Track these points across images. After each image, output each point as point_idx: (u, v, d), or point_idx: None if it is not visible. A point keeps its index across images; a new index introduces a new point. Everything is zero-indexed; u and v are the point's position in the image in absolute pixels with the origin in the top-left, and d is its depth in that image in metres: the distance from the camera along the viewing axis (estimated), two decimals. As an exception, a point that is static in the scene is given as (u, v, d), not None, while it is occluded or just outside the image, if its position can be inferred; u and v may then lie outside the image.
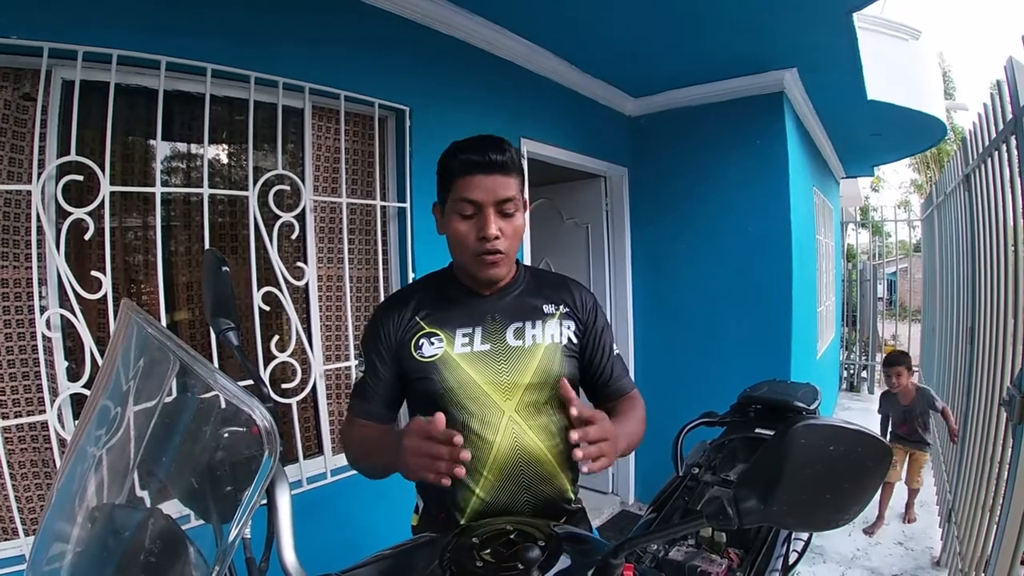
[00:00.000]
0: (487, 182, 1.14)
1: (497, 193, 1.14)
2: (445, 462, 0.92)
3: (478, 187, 1.14)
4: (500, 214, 1.16)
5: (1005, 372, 2.28)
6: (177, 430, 0.77)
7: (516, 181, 1.17)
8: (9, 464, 1.62)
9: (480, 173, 1.13)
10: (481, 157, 1.13)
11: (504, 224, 1.16)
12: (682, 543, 1.50)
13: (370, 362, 1.25)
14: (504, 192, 1.15)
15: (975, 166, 2.85)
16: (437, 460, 0.93)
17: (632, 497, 4.28)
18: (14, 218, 1.67)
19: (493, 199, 1.14)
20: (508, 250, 1.18)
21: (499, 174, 1.14)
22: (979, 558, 2.38)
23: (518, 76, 3.16)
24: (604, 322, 1.36)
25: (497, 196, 1.14)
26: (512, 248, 1.20)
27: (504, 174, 1.15)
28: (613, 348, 1.36)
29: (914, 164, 17.09)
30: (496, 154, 1.13)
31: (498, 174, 1.14)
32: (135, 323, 0.76)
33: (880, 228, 9.41)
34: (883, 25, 4.35)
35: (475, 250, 1.16)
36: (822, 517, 0.66)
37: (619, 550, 0.75)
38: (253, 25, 2.04)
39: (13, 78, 1.66)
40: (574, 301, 1.32)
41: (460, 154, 1.15)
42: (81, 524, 0.75)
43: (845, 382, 8.10)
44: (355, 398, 1.28)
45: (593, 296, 1.38)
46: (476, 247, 1.16)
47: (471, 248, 1.17)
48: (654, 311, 4.18)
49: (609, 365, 1.34)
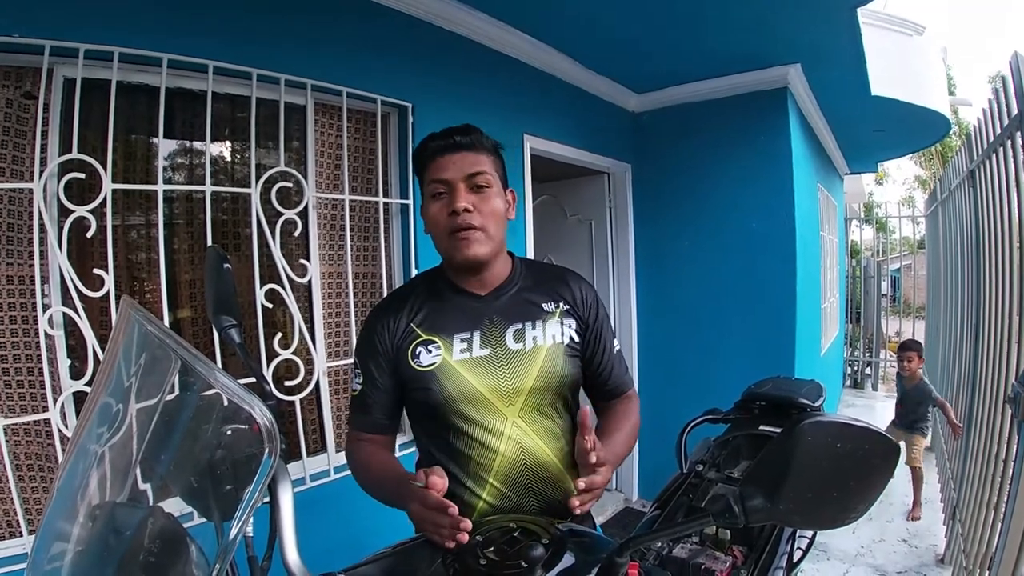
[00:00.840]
0: (454, 159, 1.14)
1: (464, 169, 1.14)
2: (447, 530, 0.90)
3: (445, 166, 1.14)
4: (471, 189, 1.15)
5: (1010, 369, 2.27)
6: (178, 428, 0.76)
7: (487, 159, 1.18)
8: (12, 462, 1.62)
9: (447, 153, 1.15)
10: (446, 140, 1.15)
11: (476, 199, 1.15)
12: (686, 540, 1.49)
13: (368, 372, 1.21)
14: (472, 167, 1.15)
15: (979, 162, 2.83)
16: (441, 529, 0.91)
17: (636, 494, 4.28)
18: (16, 216, 1.67)
19: (461, 175, 1.14)
20: (484, 226, 1.15)
21: (466, 151, 1.15)
22: (983, 556, 2.37)
23: (521, 72, 3.15)
24: (604, 317, 1.32)
25: (465, 171, 1.14)
26: (489, 225, 1.16)
27: (472, 151, 1.16)
28: (614, 344, 1.32)
29: (918, 160, 17.04)
30: (460, 135, 1.15)
31: (465, 151, 1.15)
32: (135, 320, 0.75)
33: (884, 224, 9.37)
34: (887, 20, 4.33)
35: (448, 227, 1.14)
36: (828, 515, 0.65)
37: (624, 548, 0.75)
38: (255, 22, 2.04)
39: (15, 76, 1.66)
40: (574, 297, 1.27)
41: (428, 142, 1.17)
42: (82, 522, 0.75)
43: (849, 379, 8.09)
44: (355, 412, 1.24)
45: (593, 289, 1.33)
46: (448, 224, 1.14)
47: (444, 227, 1.15)
48: (658, 308, 4.17)
49: (609, 363, 1.30)
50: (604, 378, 1.31)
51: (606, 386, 1.32)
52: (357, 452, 1.22)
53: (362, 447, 1.22)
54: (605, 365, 1.30)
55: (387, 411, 1.23)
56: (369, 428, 1.23)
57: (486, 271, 1.21)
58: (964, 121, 12.21)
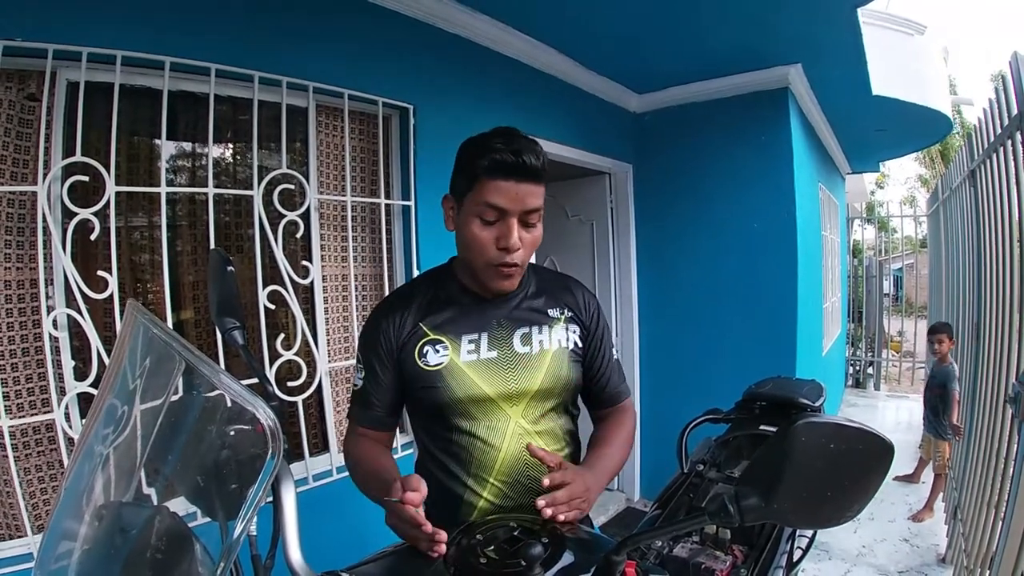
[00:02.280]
0: (518, 190, 1.05)
1: (526, 203, 1.06)
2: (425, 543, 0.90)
3: (507, 194, 1.05)
4: (523, 224, 1.09)
5: (1011, 368, 2.27)
6: (183, 428, 0.77)
7: (543, 190, 1.10)
8: (17, 463, 1.63)
9: (512, 179, 1.05)
10: (515, 160, 1.04)
11: (525, 235, 1.09)
12: (686, 540, 1.50)
13: (370, 368, 1.20)
14: (533, 202, 1.07)
15: (980, 161, 2.83)
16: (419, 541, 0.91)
17: (637, 494, 4.29)
18: (20, 219, 1.68)
19: (521, 209, 1.06)
20: (524, 262, 1.13)
21: (531, 182, 1.06)
22: (984, 555, 2.37)
23: (522, 73, 3.15)
24: (605, 326, 1.32)
25: (526, 206, 1.07)
26: (527, 259, 1.14)
27: (536, 182, 1.07)
28: (612, 353, 1.33)
29: (920, 159, 17.01)
30: (531, 157, 1.05)
31: (530, 182, 1.06)
32: (141, 324, 0.76)
33: (886, 224, 9.37)
34: (888, 20, 4.34)
35: (492, 259, 1.10)
36: (824, 515, 0.66)
37: (621, 547, 0.76)
38: (256, 25, 2.05)
39: (18, 79, 1.67)
40: (578, 304, 1.28)
41: (492, 153, 1.04)
42: (88, 522, 0.76)
43: (851, 379, 8.08)
44: (356, 406, 1.24)
45: (595, 298, 1.34)
46: (494, 257, 1.09)
47: (488, 257, 1.10)
48: (659, 308, 4.18)
49: (608, 371, 1.30)
50: (602, 385, 1.30)
51: (603, 394, 1.31)
52: (354, 447, 1.22)
53: (360, 442, 1.22)
54: (604, 373, 1.30)
55: (387, 407, 1.22)
56: (369, 423, 1.22)
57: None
58: (967, 121, 12.19)
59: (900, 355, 8.71)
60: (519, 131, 1.12)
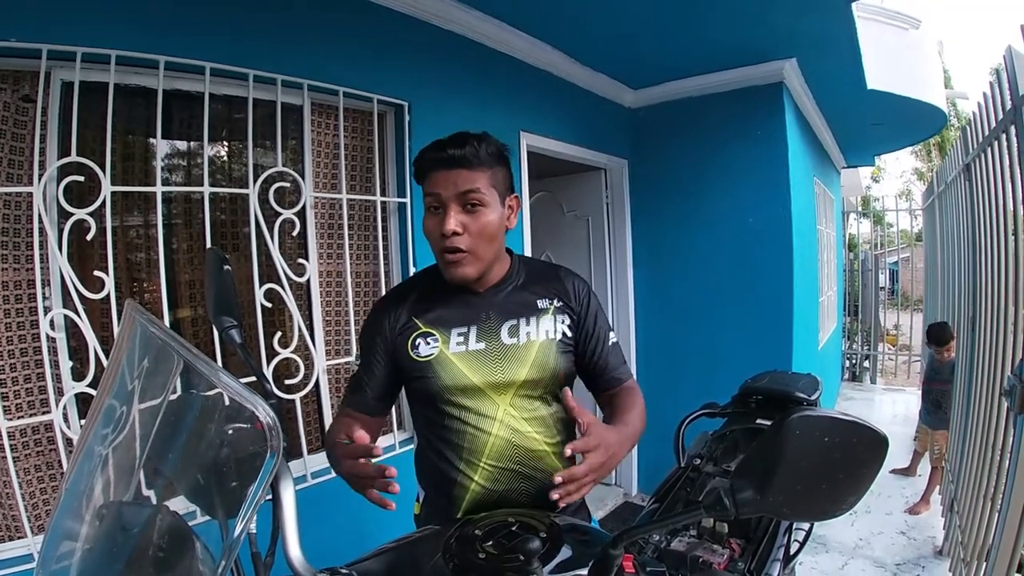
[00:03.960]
0: (448, 175, 1.15)
1: (458, 186, 1.14)
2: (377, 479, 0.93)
3: (438, 181, 1.15)
4: (463, 209, 1.16)
5: (1006, 361, 2.29)
6: (182, 427, 0.78)
7: (483, 174, 1.17)
8: (16, 464, 1.63)
9: (442, 168, 1.15)
10: (439, 152, 1.15)
11: (468, 219, 1.16)
12: (684, 533, 1.51)
13: (367, 357, 1.28)
14: (464, 185, 1.15)
15: (975, 155, 2.84)
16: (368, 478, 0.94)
17: (635, 488, 4.30)
18: (16, 220, 1.68)
19: (453, 192, 1.15)
20: (472, 248, 1.17)
21: (461, 168, 1.15)
22: (981, 548, 2.39)
23: (517, 70, 3.15)
24: (598, 309, 1.35)
25: (457, 189, 1.15)
26: (478, 246, 1.18)
27: (466, 168, 1.15)
28: (609, 337, 1.34)
29: (916, 152, 17.06)
30: (455, 149, 1.14)
31: (460, 168, 1.15)
32: (139, 323, 0.77)
33: (882, 218, 9.39)
34: (882, 14, 4.34)
35: (440, 247, 1.18)
36: (818, 507, 0.67)
37: (618, 541, 0.76)
38: (250, 23, 2.04)
39: (12, 80, 1.66)
40: (567, 292, 1.31)
41: (425, 153, 1.18)
42: (89, 522, 0.76)
43: (847, 372, 8.10)
44: (349, 390, 1.31)
45: (586, 284, 1.37)
46: (440, 244, 1.17)
47: (437, 246, 1.19)
48: (655, 303, 4.19)
49: (605, 355, 1.32)
50: (601, 368, 1.32)
51: (604, 376, 1.33)
52: (335, 424, 1.27)
53: (342, 420, 1.26)
54: (600, 356, 1.32)
55: (377, 393, 1.27)
56: (357, 406, 1.28)
57: (478, 280, 1.24)
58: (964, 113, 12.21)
59: (896, 349, 8.73)
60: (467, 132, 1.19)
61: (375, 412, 1.30)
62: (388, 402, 1.32)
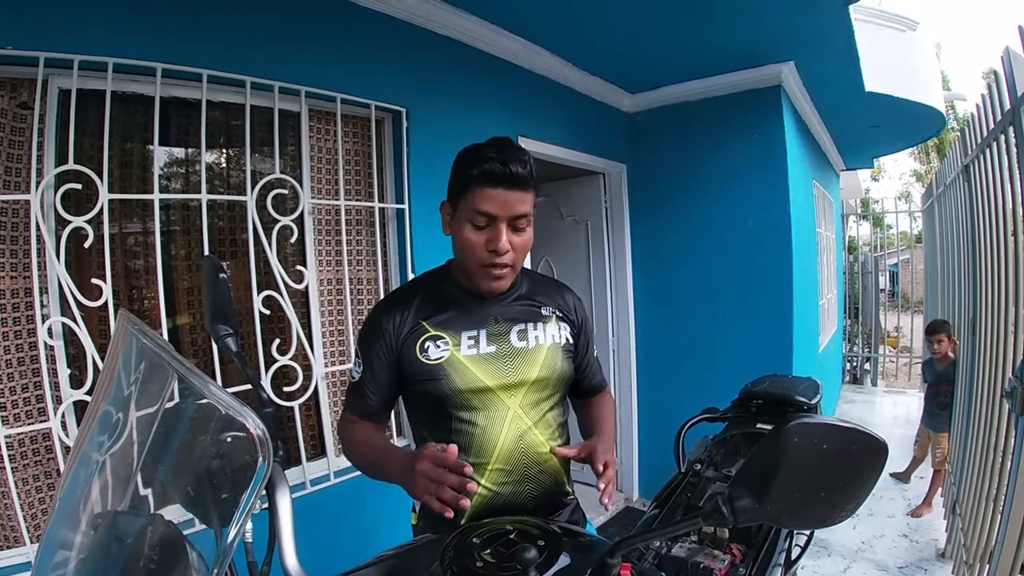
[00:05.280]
0: (505, 197, 1.12)
1: (514, 209, 1.13)
2: (452, 492, 0.96)
3: (495, 201, 1.12)
4: (512, 229, 1.16)
5: (1007, 363, 2.28)
6: (177, 436, 0.77)
7: (532, 196, 1.17)
8: (14, 472, 1.62)
9: (499, 187, 1.12)
10: (502, 170, 1.11)
11: (515, 238, 1.17)
12: (685, 540, 1.50)
13: (368, 362, 1.26)
14: (520, 208, 1.14)
15: (974, 156, 2.84)
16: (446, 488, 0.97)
17: (636, 493, 4.29)
18: (13, 228, 1.67)
19: (509, 214, 1.14)
20: (515, 263, 1.20)
21: (518, 189, 1.13)
22: (983, 550, 2.38)
23: (515, 74, 3.15)
24: (591, 325, 1.45)
25: (513, 212, 1.14)
26: (519, 262, 1.22)
27: (523, 189, 1.14)
28: (594, 350, 1.47)
29: (915, 154, 17.07)
30: (518, 167, 1.11)
31: (517, 189, 1.13)
32: (132, 334, 0.76)
33: (881, 220, 9.38)
34: (880, 16, 4.34)
35: (483, 260, 1.17)
36: (817, 515, 0.66)
37: (615, 550, 0.76)
38: (247, 30, 2.04)
39: (10, 88, 1.67)
40: (567, 305, 1.37)
41: (482, 163, 1.12)
42: (84, 531, 0.76)
43: (848, 375, 8.09)
44: (351, 397, 1.30)
45: (580, 300, 1.44)
46: (484, 258, 1.17)
47: (479, 258, 1.17)
48: (655, 307, 4.18)
49: (593, 366, 1.46)
50: (588, 378, 1.45)
51: (589, 384, 1.46)
52: (349, 431, 1.29)
53: (355, 425, 1.29)
54: (589, 367, 1.45)
55: (381, 400, 1.28)
56: (362, 413, 1.29)
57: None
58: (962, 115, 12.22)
59: (897, 351, 8.72)
60: (511, 141, 1.18)
61: (380, 418, 1.31)
62: (390, 408, 1.33)
